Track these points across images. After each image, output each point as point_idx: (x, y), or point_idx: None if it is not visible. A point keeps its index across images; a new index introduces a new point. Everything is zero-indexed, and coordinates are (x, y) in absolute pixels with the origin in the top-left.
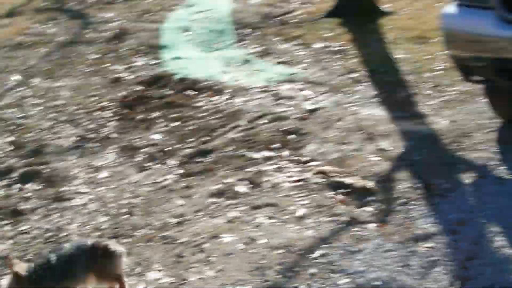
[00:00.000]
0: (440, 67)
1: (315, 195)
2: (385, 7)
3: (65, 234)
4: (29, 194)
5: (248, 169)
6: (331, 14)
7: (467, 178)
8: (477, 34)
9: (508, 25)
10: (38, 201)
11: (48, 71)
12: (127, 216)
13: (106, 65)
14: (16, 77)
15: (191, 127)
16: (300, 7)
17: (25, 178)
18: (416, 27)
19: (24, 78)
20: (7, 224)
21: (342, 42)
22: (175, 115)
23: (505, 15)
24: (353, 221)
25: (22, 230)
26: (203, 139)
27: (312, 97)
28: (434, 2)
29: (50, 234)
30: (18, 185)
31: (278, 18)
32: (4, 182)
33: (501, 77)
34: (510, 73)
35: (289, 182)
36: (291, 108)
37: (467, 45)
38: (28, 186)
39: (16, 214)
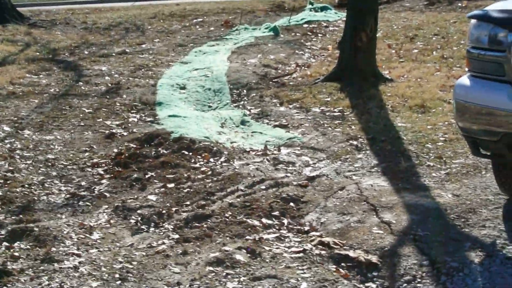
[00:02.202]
0: (443, 138)
1: (317, 268)
2: (384, 73)
3: None
4: (17, 254)
5: (248, 237)
6: (330, 78)
7: (475, 256)
8: (491, 107)
9: None
10: (27, 262)
11: (39, 123)
12: (120, 282)
13: (99, 120)
14: (6, 128)
15: (187, 189)
16: (298, 69)
17: (13, 236)
18: (416, 96)
19: (14, 129)
20: None
21: (341, 107)
22: (171, 176)
23: None
24: None
25: None
26: (200, 202)
27: (312, 164)
28: (433, 71)
29: None
30: (6, 244)
31: (276, 79)
32: None
33: None
34: None
35: (290, 252)
36: (291, 174)
37: (479, 117)
38: (17, 245)
39: (3, 275)
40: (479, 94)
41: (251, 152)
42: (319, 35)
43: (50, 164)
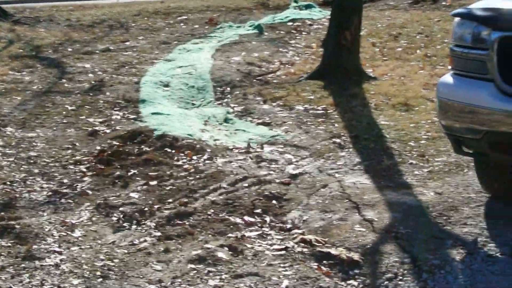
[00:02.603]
0: (425, 136)
1: (298, 266)
2: (367, 72)
3: None
4: None
5: (230, 235)
6: (313, 76)
7: (456, 254)
8: (473, 105)
9: (506, 98)
10: (8, 259)
11: (22, 121)
12: (101, 279)
13: (82, 117)
14: None
15: (170, 187)
16: (281, 67)
17: None
18: (399, 94)
19: None
20: None
21: (324, 105)
22: (154, 173)
23: (503, 88)
24: None
25: None
26: (182, 200)
27: (295, 161)
28: (417, 70)
29: None
30: None
31: (259, 77)
32: None
33: (495, 151)
34: (504, 147)
35: (272, 250)
36: (274, 171)
37: (462, 116)
38: None
39: None
40: (462, 92)
41: (234, 149)
42: (303, 33)
43: (32, 161)
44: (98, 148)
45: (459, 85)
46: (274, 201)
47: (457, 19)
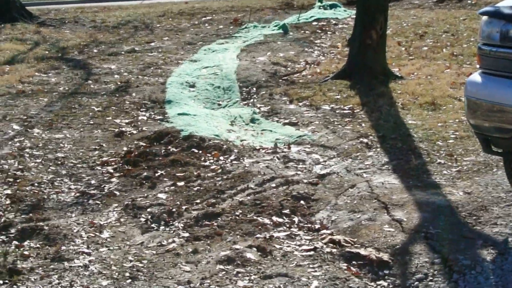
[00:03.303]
0: (453, 136)
1: (328, 266)
2: (394, 71)
3: None
4: (27, 252)
5: (258, 235)
6: (339, 75)
7: (487, 254)
8: (502, 104)
9: None
10: (37, 260)
11: (49, 122)
12: (130, 280)
13: (108, 118)
14: (16, 127)
15: (197, 188)
16: (307, 67)
17: (23, 235)
18: (426, 93)
19: (24, 128)
20: (3, 284)
21: (351, 105)
22: (181, 174)
23: None
24: None
25: None
26: (210, 201)
27: (322, 161)
28: (443, 69)
29: None
30: (16, 242)
31: (285, 77)
32: (1, 238)
33: None
34: None
35: (301, 250)
36: (301, 172)
37: (491, 115)
38: (27, 243)
39: (13, 274)
40: (490, 91)
41: (261, 150)
42: (329, 32)
43: (59, 162)
44: (125, 149)
45: (487, 84)
46: (302, 202)
47: (484, 17)
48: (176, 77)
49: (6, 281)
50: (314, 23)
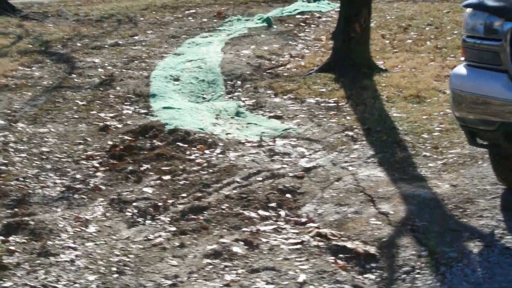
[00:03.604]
0: (438, 128)
1: (315, 260)
2: (378, 64)
3: None
4: (13, 248)
5: (245, 229)
6: (323, 68)
7: (474, 247)
8: (487, 96)
9: None
10: (23, 255)
11: (33, 116)
12: (117, 275)
13: (93, 112)
14: (0, 121)
15: (183, 181)
16: (291, 60)
17: (8, 230)
18: (411, 86)
19: (8, 122)
20: None
21: (336, 98)
22: (166, 168)
23: None
24: None
25: (5, 287)
26: (196, 194)
27: (308, 155)
28: (427, 61)
29: None
30: (1, 237)
31: (269, 71)
32: None
33: (509, 142)
34: None
35: (288, 244)
36: (287, 165)
37: (476, 107)
38: (12, 238)
39: None
40: (475, 83)
41: (246, 143)
42: (312, 26)
43: (44, 157)
44: (110, 143)
45: (472, 76)
46: (288, 195)
47: (468, 9)
48: (160, 71)
49: None
50: (298, 16)
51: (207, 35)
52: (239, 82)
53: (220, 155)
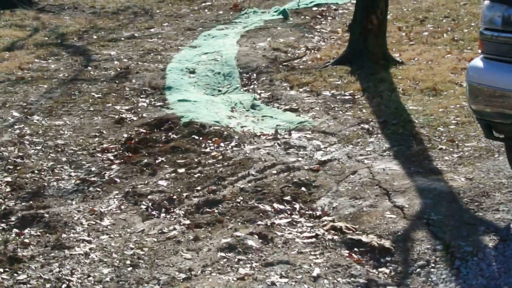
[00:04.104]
0: (454, 121)
1: (329, 254)
2: (394, 56)
3: (65, 286)
4: (27, 240)
5: (259, 222)
6: (340, 61)
7: (489, 241)
8: (504, 89)
9: None
10: (37, 248)
11: (48, 109)
12: (131, 268)
13: (108, 105)
14: (15, 114)
15: (198, 174)
16: (307, 53)
17: (23, 223)
18: (427, 79)
19: (24, 115)
20: (3, 272)
21: (352, 91)
22: (182, 160)
23: None
24: (371, 284)
25: (20, 280)
26: (211, 187)
27: (323, 148)
28: (444, 54)
29: (49, 285)
30: (16, 230)
31: (285, 63)
32: (1, 226)
33: None
34: None
35: (302, 238)
36: (302, 158)
37: (493, 100)
38: (27, 231)
39: (13, 262)
40: (492, 76)
41: (261, 136)
42: (329, 18)
43: (59, 149)
44: (125, 135)
45: (489, 69)
46: (303, 188)
47: (486, 2)
48: (176, 63)
49: (7, 269)
50: (314, 8)
51: (223, 28)
52: (254, 75)
53: (235, 148)
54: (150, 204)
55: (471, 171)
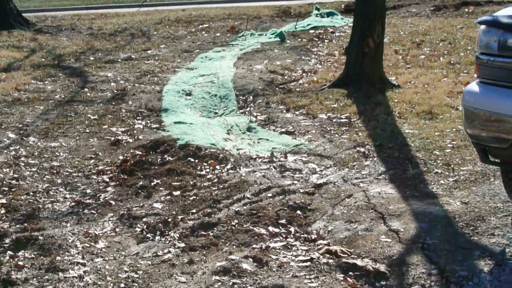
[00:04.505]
0: (450, 145)
1: (324, 277)
2: (391, 79)
3: None
4: (21, 263)
5: (254, 246)
6: (336, 84)
7: (484, 265)
8: (500, 114)
9: None
10: (31, 271)
11: (44, 130)
12: None
13: (104, 127)
14: (11, 135)
15: (193, 197)
16: (304, 75)
17: (18, 245)
18: (423, 102)
19: (19, 136)
20: None
21: (348, 114)
22: (177, 183)
23: None
24: None
25: None
26: (206, 210)
27: (319, 171)
28: (440, 77)
29: None
30: (10, 252)
31: (282, 86)
32: None
33: None
34: None
35: (297, 261)
36: (298, 181)
37: (489, 124)
38: (21, 253)
39: (7, 284)
40: (488, 100)
41: (257, 159)
42: (326, 41)
43: (55, 171)
44: (121, 158)
45: (485, 93)
46: (298, 211)
47: (482, 26)
48: (173, 85)
49: None
50: (311, 31)
51: (220, 50)
52: (251, 97)
53: (231, 171)
54: (145, 226)
55: (467, 195)
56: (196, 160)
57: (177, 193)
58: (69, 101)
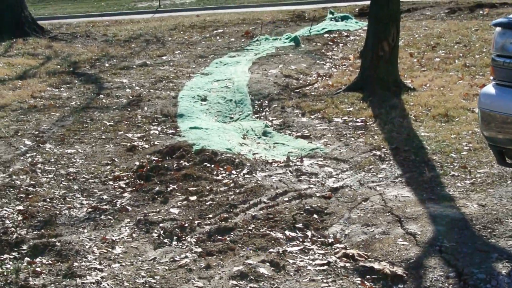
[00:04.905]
0: (467, 148)
1: (341, 281)
2: (406, 83)
3: None
4: (39, 269)
5: (271, 250)
6: (351, 87)
7: (502, 268)
8: None
9: None
10: (49, 277)
11: (60, 137)
12: None
13: (120, 133)
14: (28, 142)
15: (210, 202)
16: (319, 79)
17: (35, 251)
18: (439, 105)
19: (36, 143)
20: None
21: (363, 117)
22: (193, 188)
23: None
24: None
25: None
26: (223, 215)
27: (335, 175)
28: (456, 80)
29: None
30: (28, 259)
31: (297, 90)
32: (13, 255)
33: None
34: None
35: (314, 265)
36: (314, 185)
37: (505, 126)
38: (39, 260)
39: None
40: (504, 102)
41: (273, 163)
42: (340, 44)
43: (71, 177)
44: (137, 163)
45: (501, 95)
46: (315, 215)
47: (498, 29)
48: (188, 91)
49: None
50: (326, 35)
51: (234, 55)
52: (266, 102)
53: (247, 175)
54: (161, 232)
55: (484, 197)
56: (212, 165)
57: (194, 198)
58: (84, 107)
